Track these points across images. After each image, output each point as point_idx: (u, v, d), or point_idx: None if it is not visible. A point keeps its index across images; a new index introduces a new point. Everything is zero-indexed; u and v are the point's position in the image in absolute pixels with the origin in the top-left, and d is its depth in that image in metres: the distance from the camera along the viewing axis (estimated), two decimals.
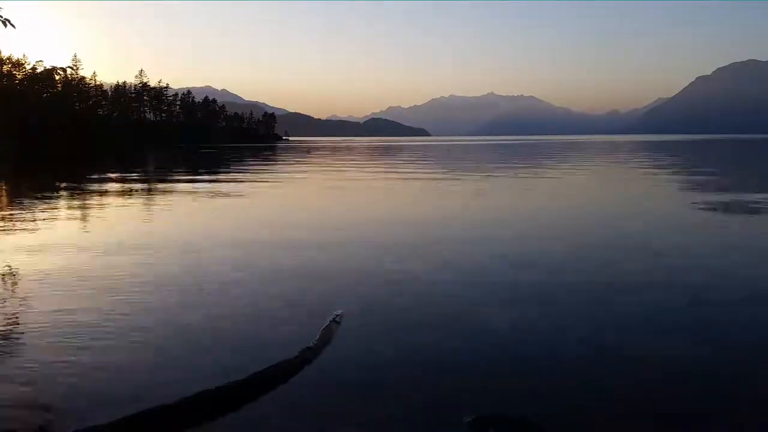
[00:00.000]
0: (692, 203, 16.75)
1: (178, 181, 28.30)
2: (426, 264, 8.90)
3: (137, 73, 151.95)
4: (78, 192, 22.21)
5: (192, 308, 6.59)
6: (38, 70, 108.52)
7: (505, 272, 8.41)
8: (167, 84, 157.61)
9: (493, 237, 11.47)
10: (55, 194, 21.26)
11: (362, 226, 13.21)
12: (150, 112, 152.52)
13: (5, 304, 6.84)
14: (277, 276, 8.14)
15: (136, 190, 23.29)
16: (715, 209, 15.51)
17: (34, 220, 13.87)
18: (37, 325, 5.99)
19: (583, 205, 17.40)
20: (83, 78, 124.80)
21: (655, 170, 33.64)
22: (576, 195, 20.84)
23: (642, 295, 7.20)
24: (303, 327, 5.83)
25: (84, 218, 14.84)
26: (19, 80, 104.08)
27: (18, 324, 6.12)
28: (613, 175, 31.21)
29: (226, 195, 20.67)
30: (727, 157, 57.27)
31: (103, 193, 21.63)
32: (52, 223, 13.57)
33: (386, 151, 79.59)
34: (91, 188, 23.69)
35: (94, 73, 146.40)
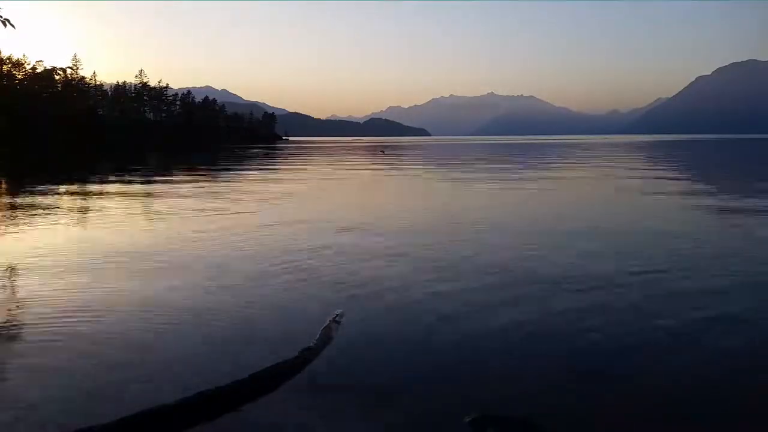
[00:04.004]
0: None
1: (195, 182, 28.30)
2: (428, 265, 8.90)
3: (137, 73, 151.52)
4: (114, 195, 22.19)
5: (191, 309, 6.59)
6: (38, 70, 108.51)
7: (505, 273, 8.41)
8: (167, 84, 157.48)
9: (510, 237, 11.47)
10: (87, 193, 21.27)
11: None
12: (150, 112, 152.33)
13: (6, 302, 6.84)
14: (278, 276, 8.14)
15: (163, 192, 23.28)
16: None
17: (34, 222, 13.87)
18: (37, 325, 6.00)
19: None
20: (83, 78, 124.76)
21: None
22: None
23: (646, 297, 7.20)
24: (303, 327, 5.83)
25: (90, 219, 14.85)
26: (19, 80, 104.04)
27: (18, 323, 6.12)
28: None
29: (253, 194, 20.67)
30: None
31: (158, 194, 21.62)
32: (68, 223, 13.59)
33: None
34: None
35: (94, 73, 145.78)
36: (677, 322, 6.14)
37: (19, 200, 18.69)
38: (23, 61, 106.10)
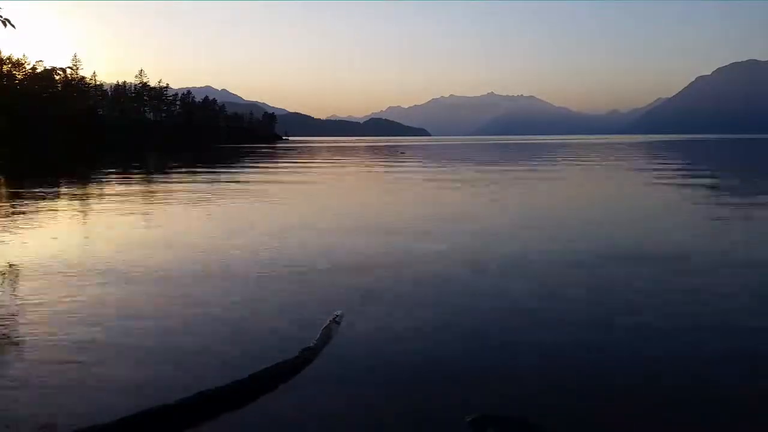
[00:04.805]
0: None
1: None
2: (428, 265, 8.91)
3: (137, 73, 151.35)
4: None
5: (192, 309, 6.59)
6: (38, 70, 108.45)
7: (506, 273, 8.41)
8: (167, 84, 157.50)
9: (497, 236, 11.47)
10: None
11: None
12: (150, 112, 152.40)
13: (7, 302, 6.84)
14: (278, 276, 8.15)
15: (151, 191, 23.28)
16: None
17: (30, 223, 13.87)
18: (38, 324, 6.00)
19: None
20: (83, 78, 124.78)
21: None
22: None
23: (644, 295, 7.21)
24: (303, 327, 5.83)
25: (84, 219, 14.84)
26: (19, 80, 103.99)
27: (19, 322, 6.12)
28: None
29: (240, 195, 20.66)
30: None
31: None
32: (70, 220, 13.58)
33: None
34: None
35: (94, 73, 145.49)
36: (678, 323, 6.14)
37: (17, 200, 18.69)
38: (23, 61, 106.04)
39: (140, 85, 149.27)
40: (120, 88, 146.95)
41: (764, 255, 9.81)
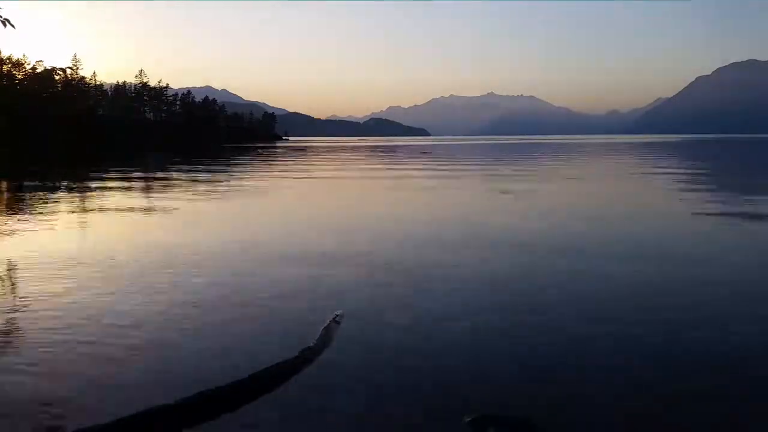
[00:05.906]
0: None
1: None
2: (429, 264, 8.90)
3: (137, 73, 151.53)
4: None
5: (192, 309, 6.58)
6: (38, 70, 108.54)
7: (506, 272, 8.41)
8: (167, 84, 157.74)
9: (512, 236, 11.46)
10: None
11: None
12: (150, 112, 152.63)
13: (7, 300, 6.83)
14: (278, 276, 8.14)
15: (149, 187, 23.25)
16: None
17: (30, 222, 13.86)
18: (39, 322, 5.99)
19: None
20: (83, 78, 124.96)
21: None
22: None
23: (644, 295, 7.20)
24: (303, 327, 5.83)
25: (86, 219, 14.83)
26: (19, 80, 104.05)
27: (19, 320, 6.12)
28: None
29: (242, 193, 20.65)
30: None
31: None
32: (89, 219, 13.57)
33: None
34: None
35: (94, 73, 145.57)
36: (679, 323, 6.13)
37: (16, 200, 18.68)
38: (23, 61, 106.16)
39: (140, 85, 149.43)
40: (120, 88, 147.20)
41: None
